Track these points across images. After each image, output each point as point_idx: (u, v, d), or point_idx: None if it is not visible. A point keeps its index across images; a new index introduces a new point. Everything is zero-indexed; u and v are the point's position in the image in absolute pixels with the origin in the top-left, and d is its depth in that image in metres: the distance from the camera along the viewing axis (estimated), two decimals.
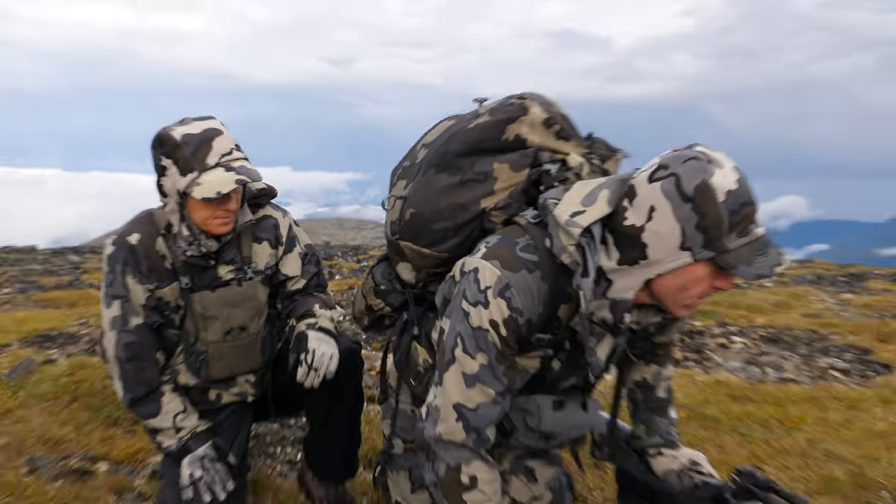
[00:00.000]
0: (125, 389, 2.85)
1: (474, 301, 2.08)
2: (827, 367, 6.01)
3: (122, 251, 2.80)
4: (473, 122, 2.34)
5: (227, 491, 2.86)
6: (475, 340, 2.08)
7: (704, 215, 1.82)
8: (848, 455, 3.61)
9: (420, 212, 2.33)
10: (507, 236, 2.16)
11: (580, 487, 3.44)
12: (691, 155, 1.87)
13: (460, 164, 2.31)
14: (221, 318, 2.92)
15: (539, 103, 2.34)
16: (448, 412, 2.13)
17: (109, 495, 3.22)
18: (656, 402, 2.68)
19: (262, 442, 3.98)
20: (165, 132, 2.67)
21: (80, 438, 3.82)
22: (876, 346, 6.65)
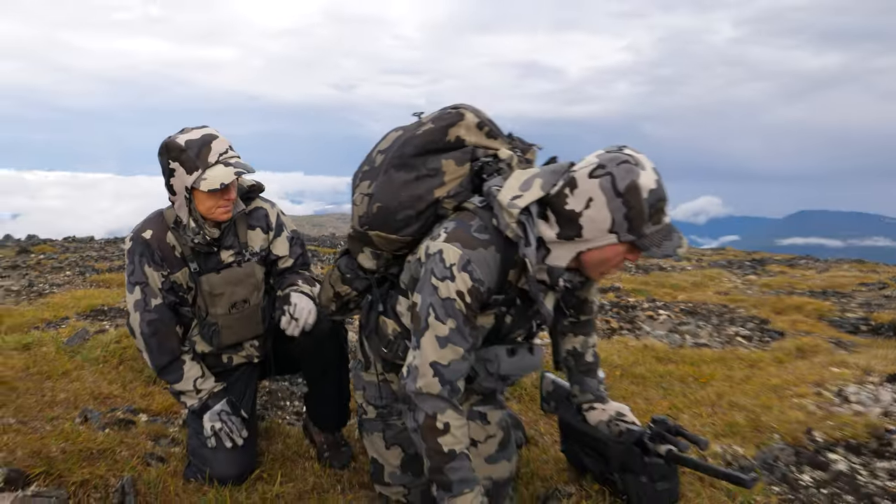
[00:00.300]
0: (152, 359, 2.90)
1: (442, 276, 2.15)
2: (734, 334, 6.04)
3: (138, 245, 2.85)
4: (420, 129, 2.39)
5: (242, 438, 2.94)
6: (444, 309, 2.15)
7: (631, 208, 1.99)
8: (748, 405, 3.63)
9: (385, 205, 2.36)
10: (461, 221, 2.25)
11: (533, 432, 3.44)
12: (624, 158, 2.02)
13: (414, 164, 2.35)
14: (227, 294, 2.94)
15: (471, 111, 2.40)
16: (426, 369, 2.16)
17: (148, 441, 3.19)
18: (586, 366, 2.75)
19: (275, 397, 3.96)
20: (171, 140, 2.71)
21: (125, 394, 3.79)
22: (773, 317, 6.70)
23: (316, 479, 2.95)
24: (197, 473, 2.86)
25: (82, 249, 12.60)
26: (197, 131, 2.75)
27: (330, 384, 3.13)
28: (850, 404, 3.73)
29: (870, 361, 4.73)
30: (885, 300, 7.93)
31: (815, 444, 3.08)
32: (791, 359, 4.92)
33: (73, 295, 6.90)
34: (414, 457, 2.61)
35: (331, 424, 3.20)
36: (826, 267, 12.40)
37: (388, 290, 2.62)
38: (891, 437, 3.01)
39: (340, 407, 3.21)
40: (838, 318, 6.71)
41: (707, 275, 10.35)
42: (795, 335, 5.78)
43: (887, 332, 5.95)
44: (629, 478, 2.45)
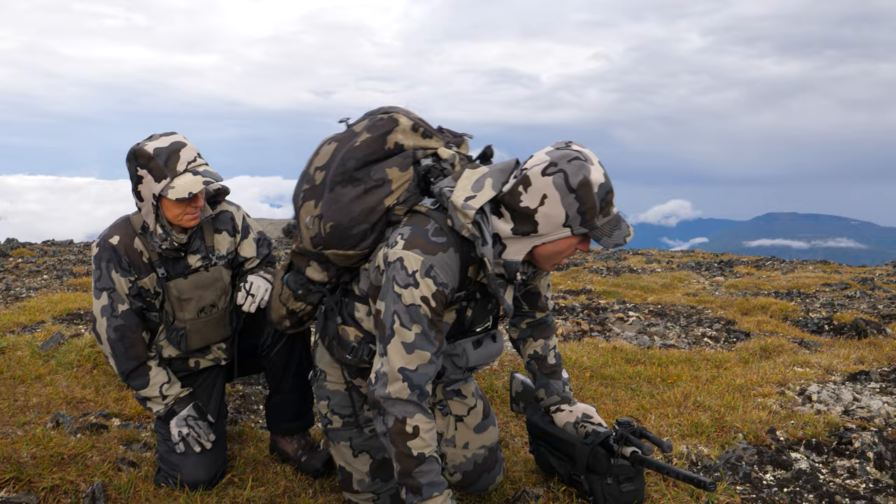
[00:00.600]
0: (118, 365, 2.85)
1: (405, 284, 2.12)
2: (701, 335, 6.07)
3: (105, 251, 2.80)
4: (356, 140, 2.33)
5: (210, 442, 2.90)
6: (409, 315, 2.12)
7: (584, 203, 2.07)
8: (713, 405, 3.64)
9: (338, 222, 2.30)
10: (416, 226, 2.21)
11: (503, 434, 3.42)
12: (574, 155, 2.08)
13: (360, 177, 2.30)
14: (195, 299, 2.90)
15: (403, 114, 2.38)
16: (394, 375, 2.14)
17: (120, 445, 3.14)
18: (549, 368, 2.76)
19: (248, 401, 3.91)
20: (139, 147, 2.66)
21: (98, 399, 3.73)
22: (739, 318, 6.74)
23: (287, 482, 2.91)
24: (167, 478, 2.82)
25: (61, 253, 12.42)
26: (165, 138, 2.70)
27: (291, 387, 3.10)
28: (812, 403, 3.76)
29: (832, 361, 4.78)
30: (847, 300, 8.02)
31: (778, 443, 3.10)
32: (756, 359, 4.95)
33: (49, 299, 6.79)
34: (382, 462, 2.60)
35: (298, 425, 3.15)
36: (791, 268, 12.53)
37: (341, 298, 2.55)
38: (851, 436, 3.03)
39: (302, 409, 3.18)
40: (802, 318, 6.77)
41: (676, 277, 10.40)
42: (760, 336, 5.82)
43: (849, 332, 6.00)
44: (595, 479, 2.46)
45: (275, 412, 3.16)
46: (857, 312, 6.86)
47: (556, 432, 2.64)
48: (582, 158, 2.08)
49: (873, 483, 2.72)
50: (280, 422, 3.14)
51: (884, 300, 7.98)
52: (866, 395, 3.86)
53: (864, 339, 5.78)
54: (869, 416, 3.49)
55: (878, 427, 3.24)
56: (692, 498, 2.51)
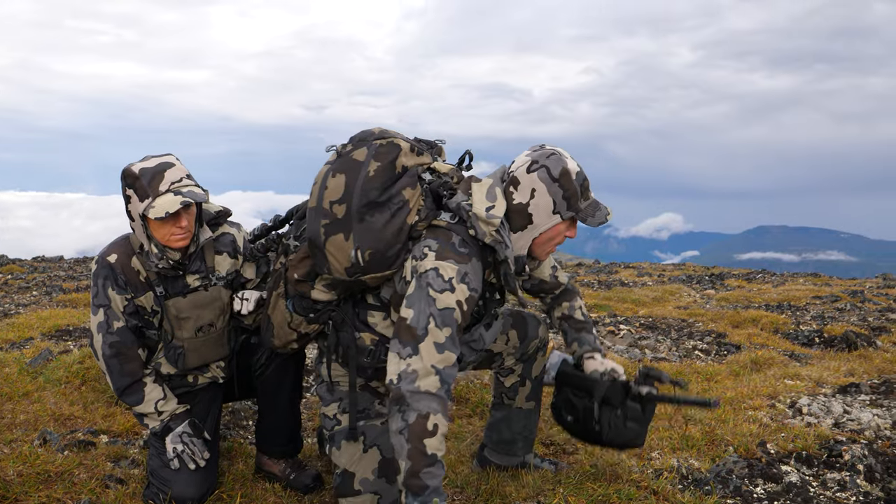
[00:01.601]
0: (113, 382, 2.85)
1: (441, 289, 2.31)
2: (692, 348, 6.08)
3: (102, 268, 2.82)
4: (367, 170, 2.46)
5: (204, 460, 2.87)
6: (443, 318, 2.29)
7: (566, 189, 2.44)
8: (703, 418, 3.64)
9: (376, 249, 2.44)
10: (441, 240, 2.43)
11: None
12: (551, 152, 2.48)
13: (382, 202, 2.44)
14: (193, 318, 2.90)
15: (401, 138, 2.55)
16: (427, 370, 2.24)
17: (108, 462, 3.11)
18: (579, 324, 2.99)
19: (237, 416, 3.89)
20: (128, 168, 2.70)
21: (86, 415, 3.70)
22: (730, 331, 6.75)
23: (276, 498, 2.89)
24: (156, 495, 2.79)
25: (50, 269, 12.36)
26: (155, 159, 2.72)
27: (283, 409, 3.11)
28: (802, 416, 3.76)
29: (822, 373, 4.79)
30: (837, 313, 8.04)
31: (769, 456, 3.10)
32: (747, 372, 4.96)
33: (38, 315, 6.74)
34: (390, 461, 2.59)
35: (292, 448, 3.14)
36: (782, 281, 12.57)
37: (352, 309, 2.68)
38: (841, 449, 3.03)
39: (294, 432, 3.18)
40: (793, 330, 6.78)
41: (667, 290, 10.42)
42: (751, 348, 5.83)
43: (840, 345, 6.02)
44: (606, 409, 2.70)
45: (267, 436, 3.14)
46: (847, 325, 6.88)
47: (583, 375, 2.84)
48: (558, 154, 2.47)
49: (863, 496, 2.72)
50: (274, 445, 3.13)
51: (874, 312, 8.01)
52: (856, 408, 3.87)
53: (855, 351, 5.79)
54: (859, 428, 3.49)
55: (868, 440, 3.24)
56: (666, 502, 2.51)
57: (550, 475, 2.90)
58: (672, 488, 2.68)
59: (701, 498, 2.62)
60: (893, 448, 3.05)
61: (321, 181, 2.52)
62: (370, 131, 2.58)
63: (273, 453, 3.12)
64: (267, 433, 3.14)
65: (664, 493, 2.62)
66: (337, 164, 2.52)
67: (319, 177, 2.55)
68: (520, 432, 3.10)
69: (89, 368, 4.31)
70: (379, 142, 2.50)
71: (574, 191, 2.44)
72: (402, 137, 2.55)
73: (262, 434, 3.16)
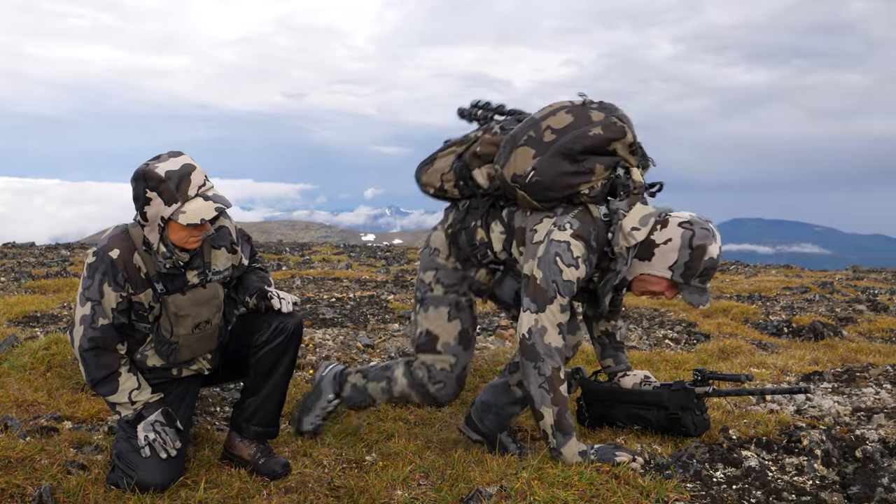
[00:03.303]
0: (87, 373, 2.83)
1: (568, 264, 2.80)
2: (662, 337, 6.15)
3: (103, 263, 2.75)
4: (591, 129, 2.86)
5: (175, 449, 2.87)
6: (566, 287, 2.81)
7: (693, 261, 2.76)
8: None
9: (543, 182, 2.88)
10: (584, 225, 2.86)
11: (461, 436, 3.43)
12: (707, 227, 2.79)
13: (577, 159, 2.85)
14: (192, 315, 2.89)
15: (630, 130, 2.91)
16: (553, 328, 2.82)
17: (71, 448, 3.09)
18: (618, 344, 3.42)
19: (205, 402, 3.87)
20: (150, 170, 2.65)
21: (50, 402, 3.67)
22: (700, 320, 6.84)
23: (242, 484, 2.89)
24: (121, 479, 2.77)
25: (21, 255, 12.20)
26: (174, 160, 2.69)
27: (280, 384, 3.10)
28: (766, 403, 3.82)
29: (787, 362, 4.87)
30: (806, 303, 8.17)
31: (730, 441, 3.15)
32: (714, 360, 5.03)
33: (5, 301, 6.66)
34: (467, 332, 3.26)
35: (268, 431, 3.13)
36: (754, 272, 12.72)
37: (489, 207, 3.17)
38: (800, 434, 3.09)
39: (280, 412, 3.17)
40: (762, 320, 6.88)
41: None
42: (720, 337, 5.91)
43: (807, 335, 6.12)
44: (686, 413, 3.16)
45: (246, 413, 3.10)
46: (815, 315, 7.00)
47: (637, 392, 3.32)
48: (710, 232, 2.78)
49: (819, 480, 2.78)
50: (251, 425, 3.09)
51: (842, 303, 8.15)
52: (818, 395, 3.94)
53: (821, 340, 5.90)
54: (820, 415, 3.56)
55: (827, 425, 3.31)
56: (642, 496, 2.54)
57: (514, 460, 2.93)
58: (633, 472, 2.71)
59: (661, 482, 2.66)
60: (851, 434, 3.12)
61: (555, 109, 2.97)
62: (615, 106, 2.97)
63: (249, 434, 3.09)
64: (249, 412, 3.10)
65: (625, 477, 2.66)
66: (576, 109, 2.94)
67: (556, 105, 2.99)
68: (500, 406, 3.31)
69: (55, 355, 4.28)
70: (615, 119, 2.89)
71: (696, 268, 2.76)
72: (632, 131, 2.91)
73: (242, 411, 3.12)
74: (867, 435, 3.08)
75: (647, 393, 3.29)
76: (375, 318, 6.40)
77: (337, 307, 6.89)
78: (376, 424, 3.59)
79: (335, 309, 6.75)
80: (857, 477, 2.74)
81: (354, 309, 6.84)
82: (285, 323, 3.04)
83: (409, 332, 3.35)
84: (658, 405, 3.23)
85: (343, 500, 2.83)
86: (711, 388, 3.22)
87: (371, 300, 7.37)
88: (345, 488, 2.88)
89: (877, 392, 3.98)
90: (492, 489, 2.63)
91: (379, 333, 5.74)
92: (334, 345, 5.25)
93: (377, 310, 6.83)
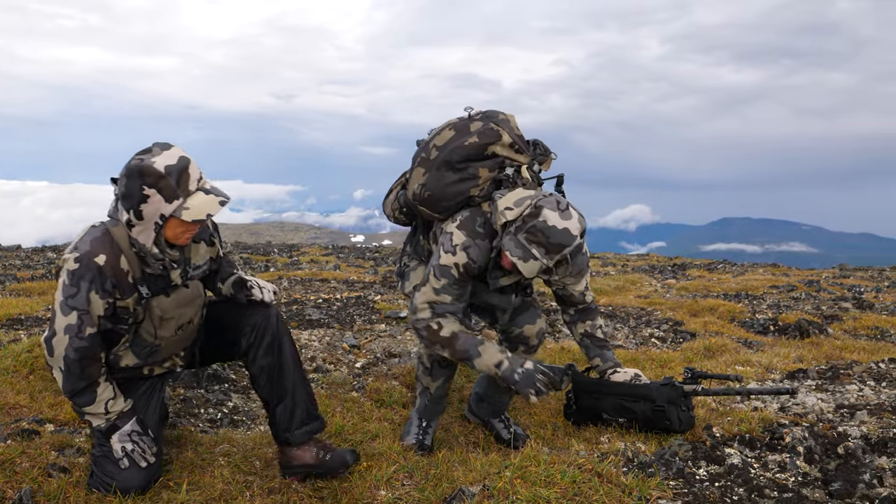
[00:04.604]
0: (68, 383, 2.71)
1: (447, 250, 3.08)
2: (648, 336, 6.16)
3: (89, 270, 2.61)
4: (467, 139, 3.11)
5: (154, 456, 2.83)
6: (442, 270, 3.08)
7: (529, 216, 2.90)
8: None
9: (434, 195, 3.18)
10: (470, 215, 3.13)
11: (446, 434, 3.43)
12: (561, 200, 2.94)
13: (458, 168, 3.12)
14: (176, 317, 2.83)
15: (507, 131, 3.12)
16: (423, 306, 3.12)
17: (52, 451, 3.06)
18: (601, 342, 3.53)
19: (189, 404, 3.85)
20: (146, 165, 2.52)
21: (32, 405, 3.63)
22: (687, 319, 6.86)
23: (224, 485, 2.87)
24: (101, 484, 2.75)
25: (6, 258, 12.10)
26: (168, 154, 2.56)
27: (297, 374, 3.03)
28: (750, 400, 3.84)
29: (772, 360, 4.89)
30: (793, 302, 8.21)
31: (714, 439, 3.15)
32: (699, 358, 5.05)
33: None
34: None
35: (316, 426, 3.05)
36: (742, 271, 12.77)
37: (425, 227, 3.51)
38: (783, 431, 3.10)
39: (315, 400, 3.10)
40: (749, 319, 6.91)
41: (629, 279, 10.53)
42: (706, 336, 5.93)
43: (793, 332, 6.15)
44: (672, 408, 3.26)
45: (285, 423, 3.00)
46: (801, 313, 7.04)
47: (626, 385, 3.42)
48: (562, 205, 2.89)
49: (802, 476, 2.79)
50: (296, 430, 2.99)
51: (828, 301, 8.19)
52: (802, 393, 3.96)
53: (807, 338, 5.92)
54: (803, 412, 3.57)
55: (810, 423, 3.32)
56: (624, 494, 2.54)
57: (498, 459, 2.93)
58: (616, 471, 2.71)
59: (644, 480, 2.66)
60: (834, 430, 3.13)
61: (441, 128, 3.24)
62: (496, 112, 3.19)
63: (299, 439, 2.98)
64: (286, 419, 3.00)
65: (608, 475, 2.66)
66: (458, 124, 3.19)
67: (444, 125, 3.24)
68: (490, 395, 3.66)
69: (38, 357, 4.23)
70: (492, 125, 3.12)
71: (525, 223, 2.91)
72: (510, 133, 3.12)
73: (281, 423, 3.00)
74: (850, 431, 3.09)
75: (635, 386, 3.39)
76: (362, 319, 6.39)
77: (323, 308, 6.87)
78: (361, 425, 3.59)
79: (321, 310, 6.73)
80: (839, 473, 2.75)
81: (341, 310, 6.82)
82: (266, 317, 2.98)
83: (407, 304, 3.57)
84: (646, 398, 3.32)
85: (326, 500, 2.82)
86: (700, 387, 3.35)
87: (358, 301, 7.36)
88: (328, 489, 2.87)
89: (860, 389, 4.00)
90: (475, 488, 2.63)
91: (365, 334, 5.73)
92: (320, 346, 5.24)
93: (364, 310, 6.82)
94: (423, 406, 3.56)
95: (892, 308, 7.58)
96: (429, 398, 3.54)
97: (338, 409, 3.86)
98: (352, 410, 3.86)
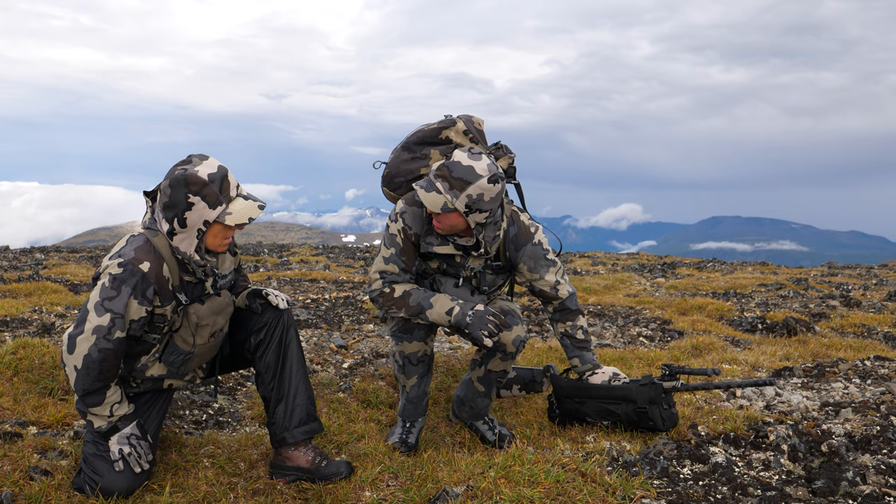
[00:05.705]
0: (84, 382, 2.69)
1: (392, 219, 3.32)
2: (636, 334, 6.17)
3: (133, 276, 2.67)
4: (428, 126, 3.46)
5: (149, 463, 2.84)
6: (389, 240, 3.31)
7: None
8: None
9: (391, 172, 3.52)
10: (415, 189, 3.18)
11: (433, 435, 3.42)
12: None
13: (413, 149, 3.46)
14: (210, 324, 2.89)
15: (464, 121, 3.44)
16: (375, 277, 3.33)
17: (34, 454, 3.04)
18: (579, 343, 3.48)
19: (173, 405, 3.83)
20: (191, 174, 2.65)
21: (15, 407, 3.60)
22: (675, 317, 6.87)
23: (209, 487, 2.86)
24: (86, 484, 2.73)
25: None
26: (208, 163, 2.71)
27: (298, 374, 3.05)
28: (736, 399, 3.85)
29: (759, 358, 4.90)
30: (781, 300, 8.24)
31: (699, 438, 3.16)
32: (687, 356, 5.05)
33: None
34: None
35: (314, 426, 3.05)
36: (731, 269, 12.82)
37: None
38: (767, 430, 3.11)
39: (313, 401, 3.10)
40: (737, 317, 6.93)
41: (619, 278, 10.55)
42: (693, 334, 5.94)
43: (780, 331, 6.17)
44: (654, 407, 3.25)
45: (283, 421, 3.02)
46: (789, 311, 7.06)
47: (606, 387, 3.39)
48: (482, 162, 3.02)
49: (786, 474, 2.80)
50: (294, 429, 3.01)
51: (815, 299, 8.23)
52: (788, 391, 3.97)
53: (794, 336, 5.94)
54: (788, 410, 3.58)
55: (794, 421, 3.33)
56: (608, 493, 2.54)
57: (483, 459, 2.92)
58: (600, 470, 2.71)
59: (628, 479, 2.67)
60: (818, 428, 3.14)
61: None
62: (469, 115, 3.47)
63: (296, 438, 2.99)
64: (286, 418, 3.02)
65: (592, 474, 2.66)
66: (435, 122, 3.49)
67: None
68: (469, 399, 3.62)
69: (22, 359, 4.20)
70: (454, 117, 3.44)
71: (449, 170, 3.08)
72: (466, 122, 3.42)
73: (279, 422, 3.03)
74: (833, 429, 3.10)
75: (615, 388, 3.36)
76: (350, 319, 6.38)
77: (312, 308, 6.85)
78: (347, 426, 3.58)
79: (310, 310, 6.71)
80: (823, 471, 2.76)
81: (329, 310, 6.80)
82: (279, 317, 3.05)
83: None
84: (627, 399, 3.31)
85: (311, 501, 2.81)
86: (679, 383, 3.30)
87: (346, 301, 7.34)
88: (312, 490, 2.86)
89: (845, 387, 4.02)
90: (459, 489, 2.62)
91: (353, 334, 5.71)
92: (308, 346, 5.22)
93: (352, 310, 6.80)
94: (402, 406, 3.57)
95: (879, 306, 7.61)
96: (406, 398, 3.54)
97: (324, 410, 3.85)
98: (338, 411, 3.85)
